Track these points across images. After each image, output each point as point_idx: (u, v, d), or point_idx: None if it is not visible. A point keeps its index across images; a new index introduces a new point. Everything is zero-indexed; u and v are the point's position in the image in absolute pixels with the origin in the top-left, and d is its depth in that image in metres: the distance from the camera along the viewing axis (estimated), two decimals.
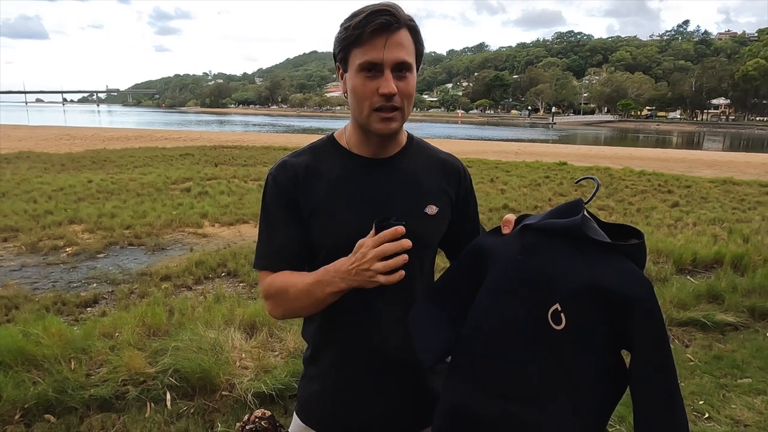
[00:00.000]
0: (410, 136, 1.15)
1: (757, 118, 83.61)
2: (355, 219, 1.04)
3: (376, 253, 0.89)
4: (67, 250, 5.84)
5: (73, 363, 2.66)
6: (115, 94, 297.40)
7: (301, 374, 1.21)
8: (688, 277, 4.73)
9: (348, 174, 1.07)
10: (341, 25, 1.00)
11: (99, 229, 6.69)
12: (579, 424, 0.90)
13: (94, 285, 4.77)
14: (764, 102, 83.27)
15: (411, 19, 1.00)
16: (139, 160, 15.21)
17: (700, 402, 2.74)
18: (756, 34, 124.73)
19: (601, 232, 0.94)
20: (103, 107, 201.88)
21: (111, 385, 2.50)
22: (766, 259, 4.92)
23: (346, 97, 1.06)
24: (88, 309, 4.18)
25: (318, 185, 1.06)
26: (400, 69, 0.98)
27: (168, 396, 2.51)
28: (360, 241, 0.92)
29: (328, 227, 1.05)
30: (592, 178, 1.05)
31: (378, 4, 0.97)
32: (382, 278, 0.90)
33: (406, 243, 0.89)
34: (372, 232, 0.91)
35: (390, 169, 1.08)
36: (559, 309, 0.90)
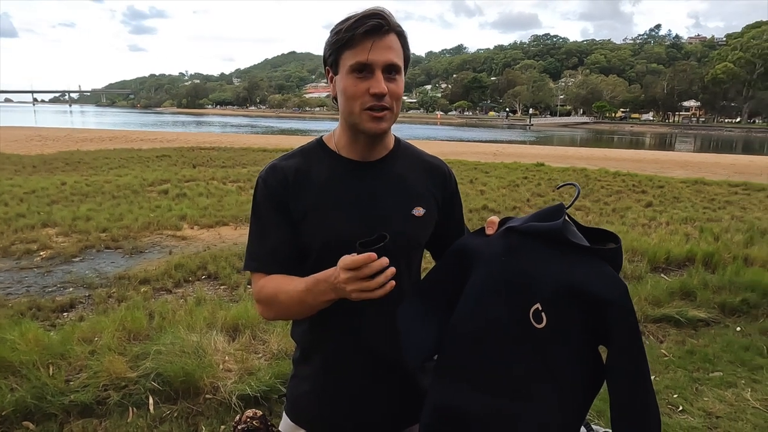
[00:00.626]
0: (397, 140, 1.18)
1: (726, 120, 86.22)
2: (344, 221, 1.06)
3: (347, 278, 0.89)
4: (41, 254, 5.70)
5: (51, 369, 2.61)
6: (88, 94, 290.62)
7: (291, 374, 1.23)
8: (662, 274, 4.86)
9: (337, 177, 1.09)
10: (332, 31, 1.03)
11: (74, 233, 6.54)
12: (562, 417, 0.95)
13: (71, 289, 4.68)
14: (733, 105, 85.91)
15: (400, 26, 1.03)
16: (114, 161, 14.92)
17: (674, 395, 2.83)
18: (724, 39, 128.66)
19: (580, 235, 0.99)
20: (75, 107, 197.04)
21: (91, 390, 2.47)
22: (735, 256, 5.10)
23: (334, 102, 1.08)
24: (65, 314, 4.10)
25: (308, 188, 1.08)
26: (390, 71, 1.01)
27: (150, 400, 2.49)
28: (341, 258, 0.91)
29: (318, 230, 1.07)
30: (573, 184, 1.10)
31: (369, 9, 1.00)
32: (368, 294, 0.89)
33: (383, 262, 0.88)
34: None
35: (378, 172, 1.11)
36: (540, 308, 0.94)
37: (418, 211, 1.11)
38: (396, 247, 1.09)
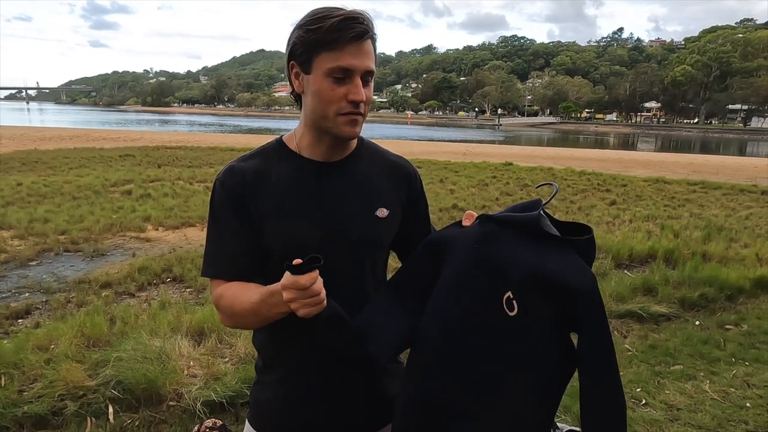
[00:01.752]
0: (360, 139, 1.15)
1: (685, 121, 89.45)
2: (305, 224, 1.04)
3: (291, 297, 0.87)
4: None
5: (3, 379, 2.49)
6: (47, 91, 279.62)
7: (254, 381, 1.20)
8: (625, 271, 4.99)
9: (298, 178, 1.06)
10: (304, 26, 0.98)
11: (30, 235, 6.28)
12: (536, 404, 0.96)
13: (26, 295, 4.48)
14: (691, 106, 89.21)
15: (375, 32, 1.01)
16: (74, 161, 14.41)
17: (638, 389, 2.90)
18: (683, 43, 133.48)
19: (554, 229, 1.01)
20: (33, 105, 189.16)
21: (47, 400, 2.36)
22: (694, 252, 5.28)
23: (293, 98, 1.05)
24: (20, 321, 3.92)
25: (267, 190, 1.04)
26: (367, 77, 0.99)
27: (110, 409, 2.39)
28: (284, 277, 0.89)
29: (279, 232, 1.04)
30: (551, 184, 1.11)
31: (351, 10, 0.96)
32: (315, 309, 0.89)
33: (313, 291, 0.87)
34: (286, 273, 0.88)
35: (340, 173, 1.08)
36: (511, 296, 0.95)
37: (382, 212, 1.09)
38: (359, 248, 1.07)
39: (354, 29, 0.94)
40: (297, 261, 0.86)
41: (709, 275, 4.47)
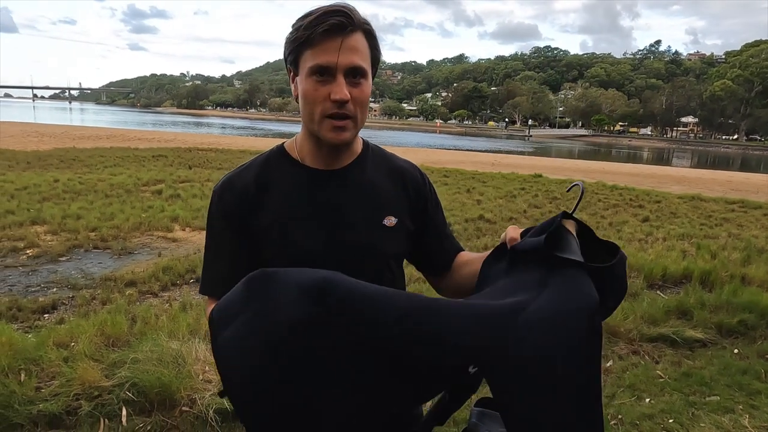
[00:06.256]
0: (366, 144, 1.09)
1: (723, 137, 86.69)
2: (307, 237, 0.98)
3: None
4: (28, 252, 5.59)
5: (22, 375, 2.50)
6: (89, 91, 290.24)
7: None
8: (658, 292, 4.78)
9: (299, 188, 1.00)
10: (292, 26, 0.94)
11: (63, 231, 6.43)
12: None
13: (54, 290, 4.56)
14: (730, 122, 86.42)
15: (367, 23, 0.94)
16: (109, 160, 14.81)
17: (670, 420, 2.74)
18: (723, 57, 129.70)
19: (576, 248, 0.86)
20: (75, 105, 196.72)
21: (62, 399, 2.35)
22: (732, 275, 5.02)
23: (298, 103, 1.01)
24: (46, 315, 3.98)
25: (267, 202, 0.99)
26: (354, 75, 0.92)
27: (124, 412, 2.37)
28: None
29: (280, 247, 0.98)
30: (577, 184, 1.00)
31: (332, 4, 0.92)
32: None
33: None
34: None
35: (344, 181, 1.02)
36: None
37: (390, 221, 1.03)
38: (363, 258, 1.00)
39: (328, 23, 0.88)
40: None
41: (749, 300, 4.23)
